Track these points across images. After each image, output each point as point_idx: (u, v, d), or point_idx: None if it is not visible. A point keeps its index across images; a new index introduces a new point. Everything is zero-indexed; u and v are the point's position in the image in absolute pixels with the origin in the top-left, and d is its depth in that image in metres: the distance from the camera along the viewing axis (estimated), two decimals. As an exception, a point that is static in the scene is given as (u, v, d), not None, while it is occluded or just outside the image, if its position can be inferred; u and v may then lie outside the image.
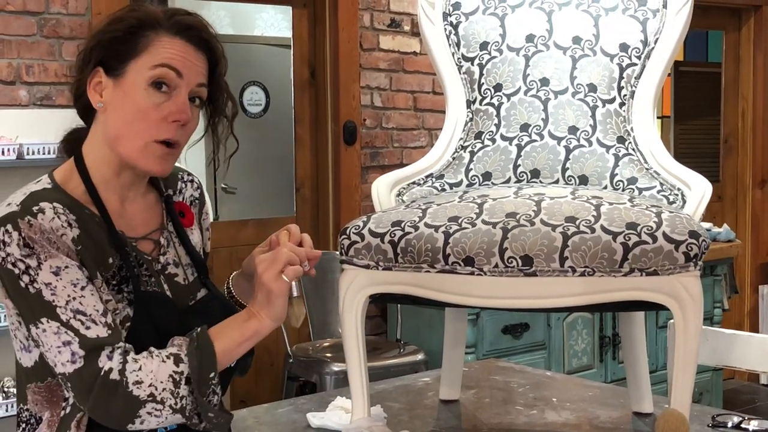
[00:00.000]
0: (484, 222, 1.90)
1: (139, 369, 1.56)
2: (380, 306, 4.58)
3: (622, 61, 2.28)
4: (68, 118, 1.75)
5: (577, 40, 2.31)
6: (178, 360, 1.59)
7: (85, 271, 1.59)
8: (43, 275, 1.55)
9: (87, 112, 1.69)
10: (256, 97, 5.68)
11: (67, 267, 1.56)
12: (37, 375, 1.65)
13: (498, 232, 1.87)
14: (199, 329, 1.63)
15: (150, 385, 1.56)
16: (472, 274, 1.87)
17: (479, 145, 2.30)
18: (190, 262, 1.78)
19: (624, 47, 2.28)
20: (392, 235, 1.93)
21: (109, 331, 1.58)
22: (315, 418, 2.30)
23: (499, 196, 1.99)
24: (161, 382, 1.56)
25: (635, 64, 2.28)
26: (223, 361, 1.63)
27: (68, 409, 1.63)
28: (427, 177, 2.30)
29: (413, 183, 2.28)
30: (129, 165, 1.66)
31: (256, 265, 1.67)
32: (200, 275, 1.79)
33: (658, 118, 6.41)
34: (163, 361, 1.58)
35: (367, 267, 1.95)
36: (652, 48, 2.27)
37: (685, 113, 6.49)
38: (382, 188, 2.21)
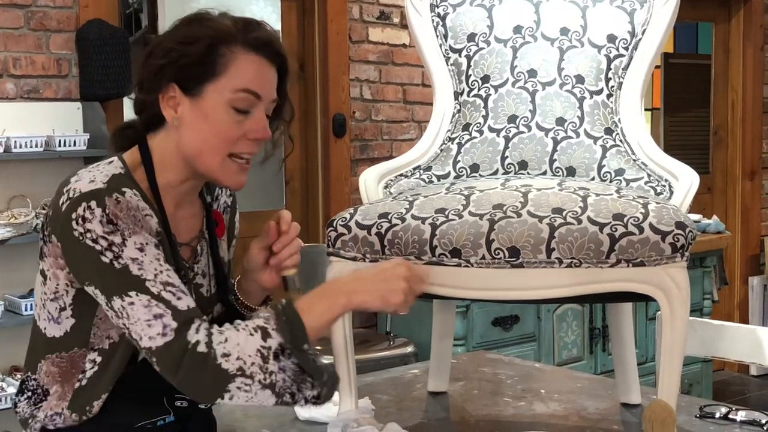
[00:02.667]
0: (471, 213, 1.89)
1: (225, 341, 1.55)
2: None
3: (610, 52, 2.28)
4: (55, 111, 1.74)
5: (564, 31, 2.31)
6: (265, 334, 1.56)
7: (162, 251, 1.60)
8: (129, 251, 1.55)
9: (153, 120, 1.69)
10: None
11: (148, 243, 1.57)
12: (63, 345, 1.65)
13: (485, 223, 1.87)
14: (284, 302, 1.62)
15: (238, 359, 1.54)
16: (459, 265, 1.87)
17: (467, 137, 2.30)
18: (214, 274, 1.79)
19: (611, 38, 2.28)
20: (379, 227, 1.93)
21: (194, 302, 1.59)
22: (303, 411, 2.29)
23: (486, 188, 1.99)
24: (249, 356, 1.54)
25: (623, 56, 2.27)
26: (313, 335, 1.61)
27: (84, 382, 1.64)
28: (414, 169, 2.29)
29: (401, 175, 2.28)
30: (204, 177, 1.69)
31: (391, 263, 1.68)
32: (219, 289, 1.80)
33: (648, 110, 6.42)
34: (251, 334, 1.56)
35: (354, 259, 1.95)
36: (640, 39, 2.27)
37: (674, 105, 6.49)
38: (370, 180, 2.20)
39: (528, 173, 2.22)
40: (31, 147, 3.45)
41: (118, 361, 1.65)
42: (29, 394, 1.69)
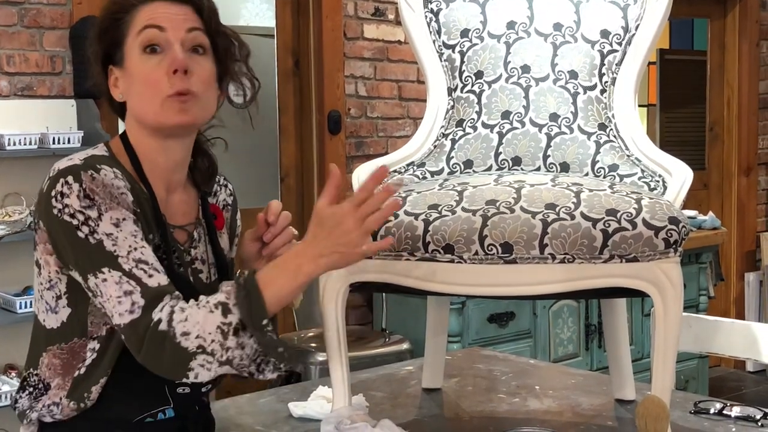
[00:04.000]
0: (464, 209, 1.89)
1: (185, 320, 1.55)
2: (366, 296, 4.57)
3: (604, 48, 2.27)
4: (49, 109, 1.78)
5: (558, 26, 2.30)
6: (226, 310, 1.57)
7: (140, 228, 1.61)
8: (104, 226, 1.56)
9: (122, 108, 1.74)
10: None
11: (125, 219, 1.59)
12: (62, 336, 1.66)
13: (478, 219, 1.86)
14: (246, 274, 1.62)
15: (197, 337, 1.55)
16: (452, 261, 1.87)
17: (460, 133, 2.29)
18: (214, 263, 1.80)
19: (605, 34, 2.28)
20: (372, 223, 1.92)
21: (168, 280, 1.60)
22: (297, 408, 2.29)
23: (479, 184, 1.99)
24: (209, 333, 1.55)
25: (616, 51, 2.27)
26: (272, 308, 1.61)
27: (83, 371, 1.64)
28: (408, 165, 2.29)
29: (394, 171, 2.27)
30: (160, 130, 1.68)
31: (330, 210, 1.67)
32: (221, 278, 1.80)
33: (643, 106, 6.43)
34: (211, 311, 1.57)
35: (346, 255, 1.94)
36: (633, 34, 2.26)
37: (670, 101, 6.49)
38: (363, 177, 2.19)
39: (521, 169, 2.22)
40: (25, 144, 3.44)
41: (115, 344, 1.65)
42: (30, 389, 1.69)
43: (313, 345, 4.01)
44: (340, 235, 1.64)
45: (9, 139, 3.42)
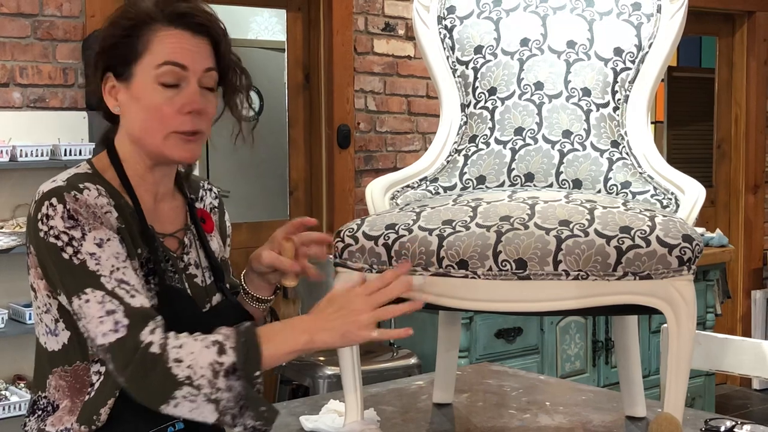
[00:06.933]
0: (478, 225, 1.90)
1: (180, 347, 1.54)
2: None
3: (617, 66, 2.28)
4: (61, 120, 1.77)
5: (571, 44, 2.31)
6: (221, 350, 1.55)
7: (125, 247, 1.61)
8: (87, 246, 1.56)
9: (111, 114, 1.72)
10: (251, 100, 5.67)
11: (110, 239, 1.59)
12: (65, 358, 1.65)
13: (492, 235, 1.87)
14: (248, 324, 1.62)
15: (189, 367, 1.53)
16: (466, 277, 1.87)
17: (473, 149, 2.30)
18: (208, 266, 1.80)
19: (618, 51, 2.29)
20: (386, 238, 1.93)
21: (151, 303, 1.60)
22: (308, 422, 2.30)
23: (493, 200, 1.99)
24: (201, 368, 1.53)
25: (629, 69, 2.28)
26: (267, 364, 1.60)
27: (93, 394, 1.63)
28: (421, 180, 2.30)
29: (407, 186, 2.28)
30: (158, 158, 1.69)
31: (341, 292, 1.67)
32: (217, 280, 1.80)
33: (651, 123, 6.43)
34: (207, 347, 1.55)
35: (361, 270, 1.95)
36: (647, 52, 2.27)
37: (678, 118, 6.50)
38: (376, 191, 2.21)
39: (534, 185, 2.23)
40: (36, 156, 3.46)
41: None
42: (39, 413, 1.68)
43: (322, 359, 4.01)
44: (348, 314, 1.64)
45: (21, 150, 3.43)
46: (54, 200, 1.58)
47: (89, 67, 1.73)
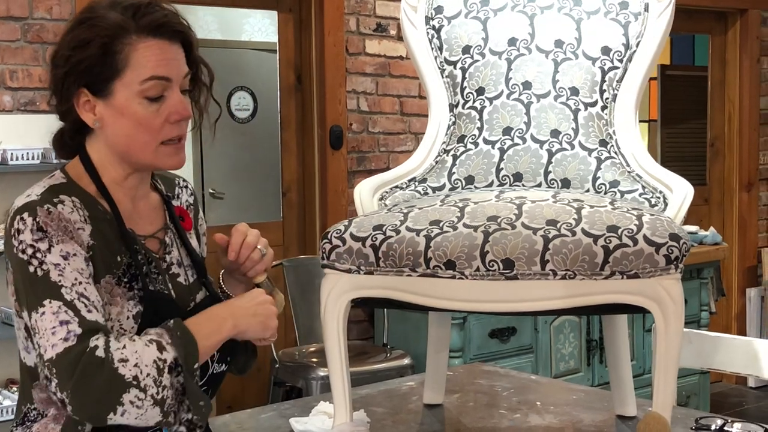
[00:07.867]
0: (466, 225, 1.89)
1: (124, 347, 1.54)
2: (367, 311, 4.57)
3: (604, 65, 2.28)
4: (53, 124, 1.75)
5: (559, 43, 2.31)
6: (161, 347, 1.56)
7: (91, 268, 1.60)
8: (52, 257, 1.55)
9: (79, 126, 1.68)
10: (244, 102, 5.68)
11: (76, 255, 1.58)
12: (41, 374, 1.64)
13: (479, 235, 1.87)
14: (173, 321, 1.61)
15: (135, 365, 1.52)
16: (453, 277, 1.87)
17: (462, 149, 2.30)
18: (190, 263, 1.81)
19: (606, 50, 2.28)
20: (374, 239, 1.93)
21: (107, 322, 1.58)
22: (298, 424, 2.29)
23: (480, 200, 1.99)
24: (146, 366, 1.53)
25: (617, 68, 2.28)
26: (203, 354, 1.62)
27: None
28: (410, 181, 2.29)
29: (396, 187, 2.28)
30: (146, 168, 1.71)
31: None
32: (199, 276, 1.81)
33: (644, 121, 6.44)
34: (147, 345, 1.55)
35: (348, 271, 1.95)
36: (634, 51, 2.27)
37: (671, 117, 6.50)
38: (365, 192, 2.20)
39: (523, 185, 2.23)
40: (27, 159, 3.46)
41: None
42: (29, 423, 1.67)
43: (315, 360, 4.01)
44: (262, 305, 1.72)
45: (11, 153, 3.43)
46: (26, 215, 1.57)
47: (55, 84, 1.65)
